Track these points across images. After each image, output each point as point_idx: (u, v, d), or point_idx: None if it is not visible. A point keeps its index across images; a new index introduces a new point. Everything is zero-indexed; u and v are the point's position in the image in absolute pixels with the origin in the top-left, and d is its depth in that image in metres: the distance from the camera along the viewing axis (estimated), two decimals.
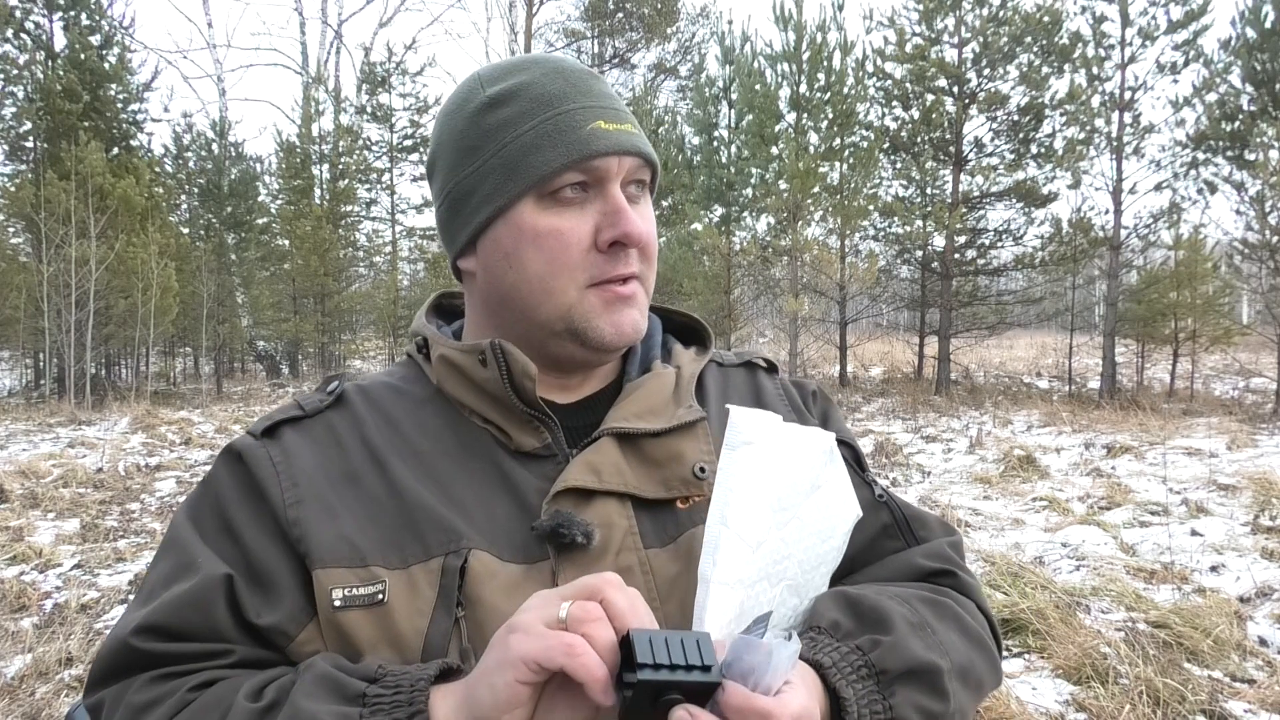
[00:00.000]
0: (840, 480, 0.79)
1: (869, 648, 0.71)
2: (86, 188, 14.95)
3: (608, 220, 0.78)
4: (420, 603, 0.72)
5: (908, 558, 0.86)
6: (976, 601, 0.86)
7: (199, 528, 0.77)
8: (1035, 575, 4.47)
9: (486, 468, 0.79)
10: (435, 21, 64.64)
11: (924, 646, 0.73)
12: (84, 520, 6.30)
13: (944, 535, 0.90)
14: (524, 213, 0.78)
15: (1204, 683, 3.31)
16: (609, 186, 0.79)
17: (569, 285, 0.78)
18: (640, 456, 0.81)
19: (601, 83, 0.83)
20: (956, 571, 0.86)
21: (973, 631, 0.81)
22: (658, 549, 0.77)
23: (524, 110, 0.79)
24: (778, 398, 0.94)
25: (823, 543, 0.77)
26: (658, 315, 0.97)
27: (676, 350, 0.93)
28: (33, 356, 18.26)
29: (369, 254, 24.03)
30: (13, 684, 3.58)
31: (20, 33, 17.18)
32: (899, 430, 11.07)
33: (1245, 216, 13.62)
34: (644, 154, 0.81)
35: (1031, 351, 24.87)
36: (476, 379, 0.81)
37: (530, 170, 0.77)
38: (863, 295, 17.93)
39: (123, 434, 10.93)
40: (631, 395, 0.84)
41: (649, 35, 25.05)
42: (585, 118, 0.78)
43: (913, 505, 0.93)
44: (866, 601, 0.75)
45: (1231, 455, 8.53)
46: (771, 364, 1.00)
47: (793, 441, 0.75)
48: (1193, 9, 13.69)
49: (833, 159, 15.87)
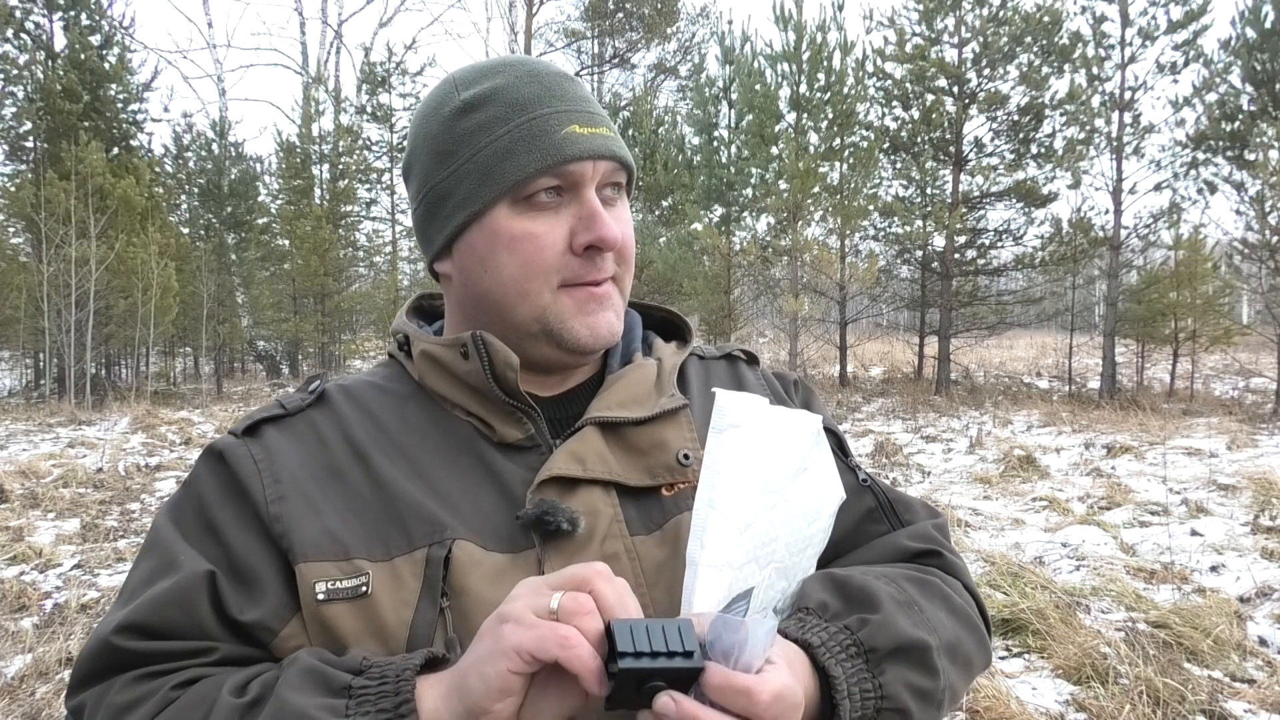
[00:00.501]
0: (826, 463, 0.80)
1: (857, 626, 0.71)
2: (86, 188, 14.95)
3: (583, 224, 0.78)
4: (404, 594, 0.72)
5: (893, 540, 0.87)
6: (963, 581, 0.87)
7: (180, 527, 0.77)
8: (1035, 575, 4.47)
9: (470, 460, 0.80)
10: (435, 21, 64.71)
11: (912, 624, 0.73)
12: (84, 520, 6.30)
13: (928, 517, 0.91)
14: (499, 217, 0.79)
15: (1204, 683, 3.31)
16: (584, 190, 0.79)
17: (543, 287, 0.79)
18: (624, 445, 0.81)
19: (577, 85, 0.83)
20: (942, 551, 0.87)
21: (960, 609, 0.81)
22: (644, 536, 0.78)
23: (498, 115, 0.79)
24: (760, 388, 0.94)
25: (809, 525, 0.77)
26: (637, 311, 0.97)
27: (657, 344, 0.94)
28: (33, 356, 18.26)
29: (369, 254, 24.04)
30: (13, 684, 3.58)
31: (20, 33, 17.19)
32: (899, 430, 11.07)
33: (1245, 216, 13.63)
34: (618, 157, 0.80)
35: (1031, 351, 24.88)
36: (458, 372, 0.82)
37: (505, 175, 0.77)
38: (863, 295, 17.94)
39: (123, 434, 10.93)
40: (614, 386, 0.85)
41: (649, 35, 25.03)
42: (560, 122, 0.78)
43: (895, 490, 0.93)
44: (853, 582, 0.76)
45: (1231, 455, 8.53)
46: (752, 355, 1.01)
47: (779, 424, 0.75)
48: (1193, 9, 13.70)
49: (833, 159, 15.87)
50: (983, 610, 0.87)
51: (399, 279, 22.40)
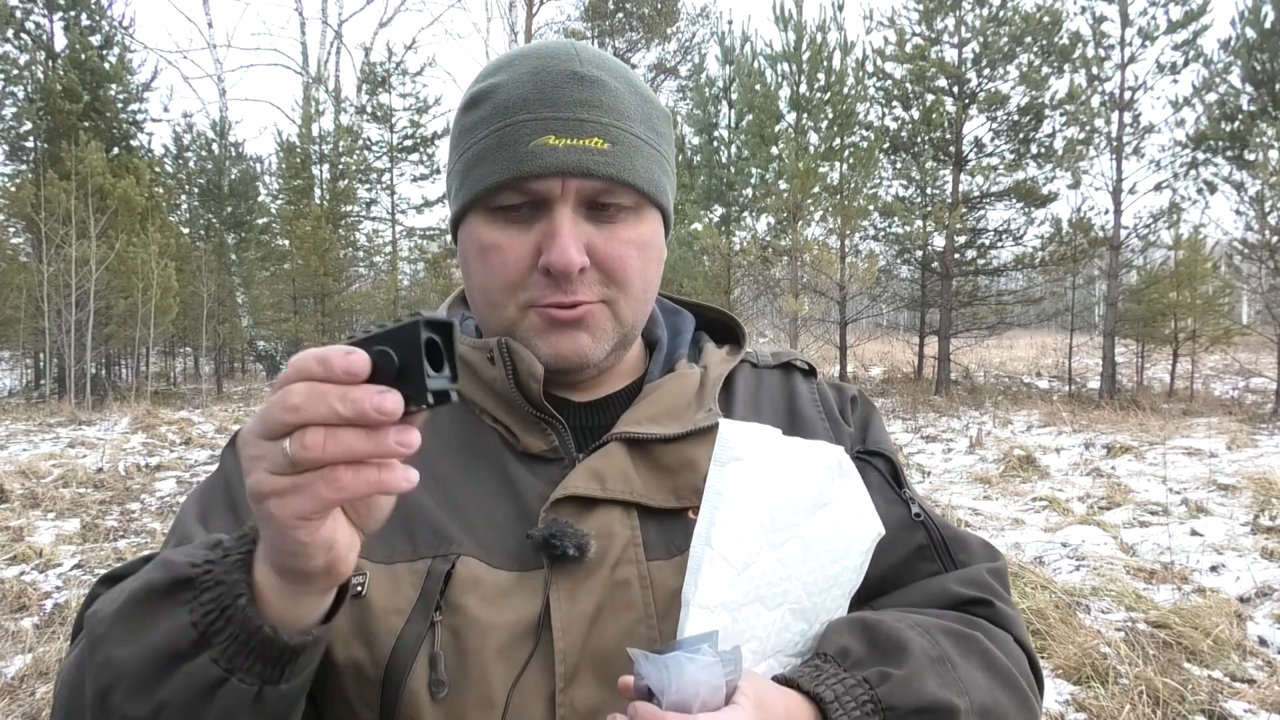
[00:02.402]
0: (854, 496, 0.75)
1: (877, 681, 0.67)
2: (86, 188, 14.95)
3: (546, 243, 0.73)
4: (399, 601, 0.70)
5: (941, 583, 0.81)
6: (1014, 634, 0.79)
7: (202, 510, 0.78)
8: (1035, 575, 4.47)
9: (490, 469, 0.78)
10: (435, 21, 64.69)
11: (940, 684, 0.68)
12: (84, 520, 6.30)
13: (986, 560, 0.84)
14: (473, 223, 0.77)
15: (1204, 683, 3.31)
16: (553, 207, 0.74)
17: (509, 302, 0.76)
18: (651, 463, 0.77)
19: (585, 86, 0.75)
20: (993, 601, 0.80)
21: (1001, 668, 0.75)
22: (663, 560, 0.74)
23: (485, 117, 0.76)
24: (812, 403, 0.89)
25: (833, 563, 0.73)
26: (690, 311, 0.94)
27: (707, 349, 0.90)
28: (33, 356, 18.26)
29: (369, 254, 24.01)
30: (13, 684, 3.58)
31: (20, 33, 17.19)
32: (899, 430, 11.07)
33: (1245, 216, 13.63)
34: (599, 175, 0.73)
35: (1031, 351, 24.88)
36: (485, 377, 0.80)
37: (473, 184, 0.76)
38: (863, 295, 17.93)
39: (123, 434, 10.93)
40: (649, 397, 0.81)
41: (649, 35, 25.04)
42: (533, 131, 0.73)
43: (954, 526, 0.86)
44: (884, 629, 0.71)
45: (1231, 455, 8.52)
46: (811, 367, 0.94)
47: (792, 457, 0.72)
48: (1193, 9, 13.70)
49: (833, 159, 15.87)
50: (1034, 664, 0.80)
51: (399, 279, 22.40)
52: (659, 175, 0.79)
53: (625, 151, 0.75)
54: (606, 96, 0.76)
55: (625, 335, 0.80)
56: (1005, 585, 0.84)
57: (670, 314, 0.94)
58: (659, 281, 0.84)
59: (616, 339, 0.79)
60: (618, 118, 0.76)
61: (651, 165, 0.78)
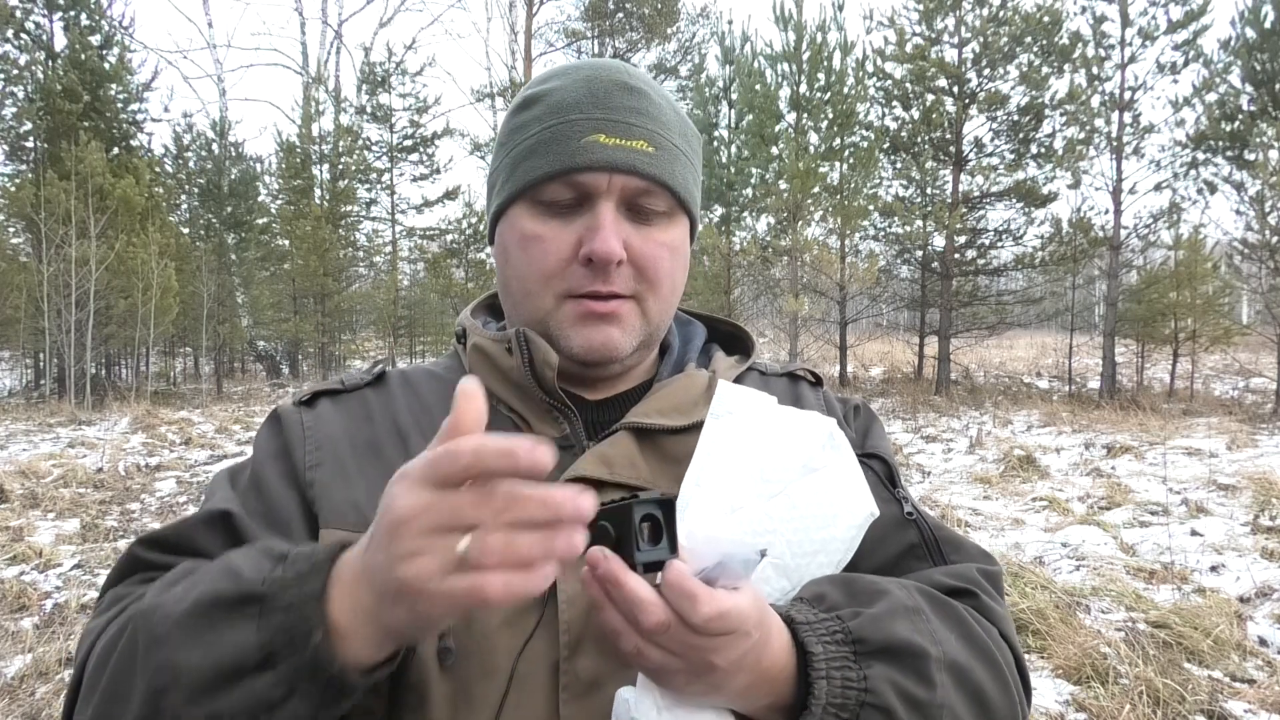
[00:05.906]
0: (847, 471, 0.75)
1: (849, 617, 0.67)
2: (86, 188, 14.95)
3: (588, 235, 0.77)
4: None
5: (928, 575, 0.80)
6: (1001, 630, 0.77)
7: (233, 479, 0.83)
8: (1035, 575, 4.47)
9: None
10: (435, 21, 64.70)
11: (911, 628, 0.68)
12: (84, 520, 6.30)
13: (981, 563, 0.83)
14: (517, 215, 0.81)
15: (1204, 683, 3.31)
16: (597, 202, 0.78)
17: (546, 292, 0.80)
18: (658, 453, 0.81)
19: (636, 96, 0.81)
20: (979, 594, 0.79)
21: (980, 643, 0.73)
22: None
23: (538, 115, 0.81)
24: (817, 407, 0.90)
25: (820, 529, 0.73)
26: (702, 323, 0.98)
27: (717, 357, 0.93)
28: (33, 356, 18.27)
29: (369, 254, 24.04)
30: (13, 684, 3.58)
31: (20, 33, 17.20)
32: (899, 430, 11.07)
33: (1245, 216, 13.64)
34: (643, 174, 0.78)
35: (1031, 351, 24.89)
36: (503, 367, 0.84)
37: (522, 176, 0.80)
38: (863, 295, 17.95)
39: (123, 434, 10.93)
40: (658, 393, 0.85)
41: (649, 35, 25.04)
42: (584, 129, 0.78)
43: (951, 529, 0.86)
44: (862, 581, 0.72)
45: (1231, 455, 8.53)
46: (817, 377, 0.97)
47: (785, 421, 0.74)
48: (1193, 9, 13.70)
49: (833, 159, 15.88)
50: (1020, 664, 0.77)
51: (399, 279, 22.41)
52: (692, 185, 0.85)
53: (667, 157, 0.81)
54: (652, 107, 0.82)
55: (650, 334, 0.84)
56: (998, 588, 0.83)
57: (683, 324, 0.98)
58: (684, 287, 0.87)
59: (643, 336, 0.83)
60: (661, 126, 0.81)
61: (687, 174, 0.84)
